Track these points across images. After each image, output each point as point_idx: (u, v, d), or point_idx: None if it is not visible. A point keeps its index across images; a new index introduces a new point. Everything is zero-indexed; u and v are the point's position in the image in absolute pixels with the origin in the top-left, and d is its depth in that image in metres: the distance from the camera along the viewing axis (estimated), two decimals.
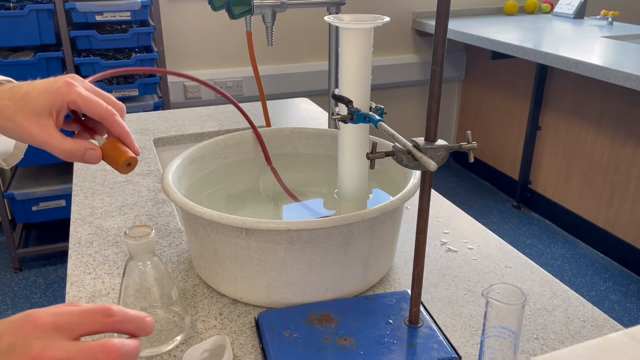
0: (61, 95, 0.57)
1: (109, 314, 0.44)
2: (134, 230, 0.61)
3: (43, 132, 0.56)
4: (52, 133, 0.57)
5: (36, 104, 0.56)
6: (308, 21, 2.78)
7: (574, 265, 2.44)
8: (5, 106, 0.56)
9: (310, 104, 1.58)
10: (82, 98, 0.58)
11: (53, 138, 0.57)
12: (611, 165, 2.38)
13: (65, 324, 0.42)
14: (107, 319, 0.44)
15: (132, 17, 2.20)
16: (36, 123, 0.56)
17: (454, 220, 0.93)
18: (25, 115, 0.56)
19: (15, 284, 2.30)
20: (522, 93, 2.82)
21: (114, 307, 0.45)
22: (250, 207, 0.85)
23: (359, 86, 0.74)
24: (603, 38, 2.51)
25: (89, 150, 0.58)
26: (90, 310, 0.44)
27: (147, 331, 0.46)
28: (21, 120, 0.56)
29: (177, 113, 1.49)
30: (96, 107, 0.58)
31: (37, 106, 0.56)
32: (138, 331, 0.46)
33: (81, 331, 0.43)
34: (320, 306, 0.67)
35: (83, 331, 0.43)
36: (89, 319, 0.44)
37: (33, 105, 0.56)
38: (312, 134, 0.96)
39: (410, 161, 0.55)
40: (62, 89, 0.57)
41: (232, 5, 0.97)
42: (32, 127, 0.56)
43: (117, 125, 0.59)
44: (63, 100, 0.57)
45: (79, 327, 0.43)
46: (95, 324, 0.44)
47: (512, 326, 0.51)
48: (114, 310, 0.44)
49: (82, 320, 0.43)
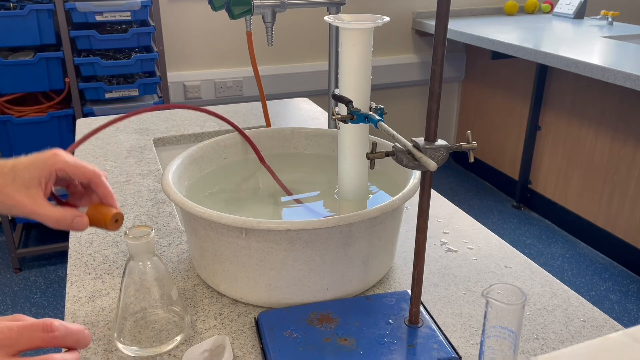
0: (49, 165, 0.60)
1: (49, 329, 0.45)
2: (134, 230, 0.61)
3: (33, 202, 0.59)
4: (41, 203, 0.60)
5: (24, 176, 0.59)
6: (308, 21, 2.78)
7: (574, 265, 2.44)
8: None
9: (310, 104, 1.58)
10: (69, 165, 0.61)
11: (42, 208, 0.60)
12: (611, 165, 2.38)
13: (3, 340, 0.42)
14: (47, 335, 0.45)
15: (132, 17, 2.20)
16: (26, 194, 0.59)
17: (454, 220, 0.93)
18: (15, 187, 0.59)
19: (15, 284, 2.30)
20: (522, 93, 2.82)
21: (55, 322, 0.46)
22: (250, 207, 0.85)
23: (359, 86, 0.74)
24: (603, 38, 2.51)
25: (77, 218, 0.61)
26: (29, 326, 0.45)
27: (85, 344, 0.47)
28: (11, 193, 0.58)
29: (177, 113, 1.49)
30: (84, 171, 0.62)
31: (25, 178, 0.59)
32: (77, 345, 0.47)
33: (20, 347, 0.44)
34: (320, 306, 0.67)
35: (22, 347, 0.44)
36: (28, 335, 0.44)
37: (22, 177, 0.59)
38: (312, 134, 0.96)
39: (410, 161, 0.55)
40: (49, 159, 0.61)
41: (232, 5, 0.97)
42: (22, 198, 0.59)
43: (103, 186, 0.63)
44: (51, 169, 0.60)
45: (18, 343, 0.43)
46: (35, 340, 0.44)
47: (512, 326, 0.51)
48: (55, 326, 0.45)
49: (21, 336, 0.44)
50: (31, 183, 0.59)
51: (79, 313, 0.70)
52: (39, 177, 0.60)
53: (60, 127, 2.27)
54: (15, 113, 2.21)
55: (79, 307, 0.71)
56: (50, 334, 0.45)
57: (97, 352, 0.63)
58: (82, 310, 0.70)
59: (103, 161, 1.16)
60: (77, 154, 1.20)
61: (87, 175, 0.62)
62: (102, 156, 1.19)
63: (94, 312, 0.70)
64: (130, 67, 2.25)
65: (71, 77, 2.21)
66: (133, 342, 0.63)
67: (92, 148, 1.23)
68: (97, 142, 1.27)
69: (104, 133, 1.33)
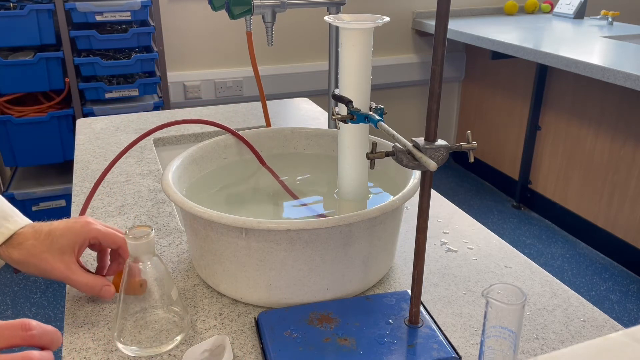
0: (83, 234, 0.66)
1: (27, 327, 0.48)
2: (134, 230, 0.61)
3: (67, 268, 0.65)
4: (74, 269, 0.66)
5: (60, 243, 0.65)
6: (308, 21, 2.78)
7: (574, 265, 2.44)
8: (32, 245, 0.64)
9: (310, 104, 1.58)
10: (101, 233, 0.68)
11: (75, 274, 0.66)
12: (611, 165, 2.38)
13: None
14: (25, 333, 0.48)
15: (132, 17, 2.20)
16: (60, 260, 0.65)
17: (454, 220, 0.93)
18: (52, 253, 0.64)
19: (15, 284, 2.30)
20: (522, 93, 2.82)
21: (32, 322, 0.49)
22: (250, 207, 0.85)
23: (359, 86, 0.74)
24: (603, 38, 2.51)
25: (105, 287, 0.68)
26: (8, 325, 0.48)
27: (58, 345, 0.51)
28: (48, 258, 0.64)
29: (177, 113, 1.49)
30: (114, 238, 0.69)
31: (61, 245, 0.65)
32: (52, 344, 0.50)
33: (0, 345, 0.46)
34: (320, 306, 0.67)
35: (2, 345, 0.46)
36: (7, 334, 0.47)
37: (58, 245, 0.65)
38: (312, 134, 0.96)
39: (410, 161, 0.55)
40: (83, 228, 0.67)
41: (232, 5, 0.97)
42: (57, 263, 0.64)
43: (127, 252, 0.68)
44: (85, 237, 0.67)
45: None
46: (14, 338, 0.48)
47: (512, 326, 0.51)
48: (32, 325, 0.49)
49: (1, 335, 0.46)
50: (66, 249, 0.65)
51: (79, 313, 0.70)
52: (72, 245, 0.65)
53: (60, 127, 2.27)
54: (15, 113, 2.21)
55: (79, 307, 0.71)
56: (28, 332, 0.48)
57: (97, 352, 0.63)
58: (82, 310, 0.70)
59: (103, 161, 1.16)
60: (77, 154, 1.20)
61: (116, 242, 0.69)
62: (102, 156, 1.19)
63: (94, 312, 0.70)
64: (130, 67, 2.25)
65: (71, 77, 2.21)
66: (133, 342, 0.63)
67: (92, 148, 1.23)
68: (97, 142, 1.27)
69: (104, 133, 1.33)
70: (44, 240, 0.64)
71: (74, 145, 1.26)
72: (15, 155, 2.27)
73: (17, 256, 0.64)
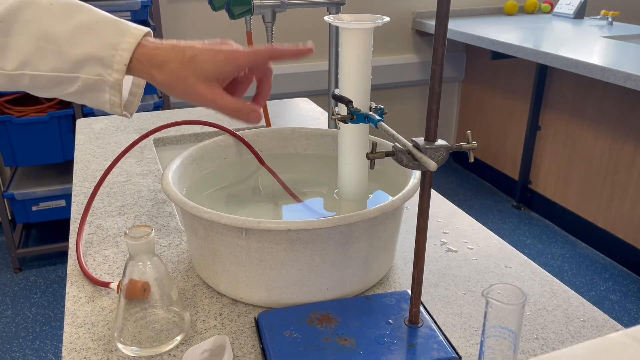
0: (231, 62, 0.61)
1: None
2: (134, 230, 0.61)
3: (213, 93, 0.61)
4: (221, 93, 0.62)
5: (205, 70, 0.60)
6: (308, 21, 2.78)
7: (574, 265, 2.44)
8: (175, 69, 0.60)
9: (310, 104, 1.58)
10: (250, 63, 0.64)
11: (223, 98, 0.62)
12: (611, 166, 2.38)
13: None
14: None
15: (132, 17, 2.20)
16: (207, 86, 0.61)
17: (454, 220, 0.93)
18: (196, 79, 0.60)
19: (15, 284, 2.30)
20: (522, 93, 2.82)
21: None
22: (250, 207, 0.85)
23: (359, 86, 0.74)
24: (603, 38, 2.51)
25: (252, 112, 0.63)
26: None
27: None
28: (193, 83, 0.60)
29: (177, 113, 1.49)
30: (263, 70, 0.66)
31: (206, 73, 0.60)
32: None
33: None
34: (320, 306, 0.67)
35: None
36: None
37: (202, 71, 0.60)
38: (312, 134, 0.96)
39: (410, 161, 0.55)
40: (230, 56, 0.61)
41: (232, 5, 0.97)
42: (203, 89, 0.60)
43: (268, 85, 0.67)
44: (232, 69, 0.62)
45: None
46: None
47: (512, 326, 0.51)
48: None
49: None
50: (212, 78, 0.61)
51: (79, 313, 0.70)
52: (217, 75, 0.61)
53: (60, 127, 2.27)
54: (15, 113, 2.21)
55: (79, 307, 0.71)
56: None
57: (97, 352, 0.63)
58: (82, 310, 0.70)
59: (103, 161, 1.16)
60: (77, 154, 1.20)
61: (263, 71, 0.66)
62: (102, 156, 1.19)
63: (94, 312, 0.70)
64: None
65: None
66: (133, 342, 0.63)
67: (92, 148, 1.23)
68: (98, 142, 1.27)
69: (103, 133, 1.33)
70: (188, 65, 0.60)
71: (74, 145, 1.26)
72: (15, 155, 2.27)
73: (160, 78, 0.60)
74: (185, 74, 0.60)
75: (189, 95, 0.61)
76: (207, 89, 0.61)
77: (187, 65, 0.60)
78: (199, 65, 0.60)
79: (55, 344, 1.98)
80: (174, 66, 0.59)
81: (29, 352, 1.95)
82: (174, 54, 0.60)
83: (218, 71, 0.61)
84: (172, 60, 0.60)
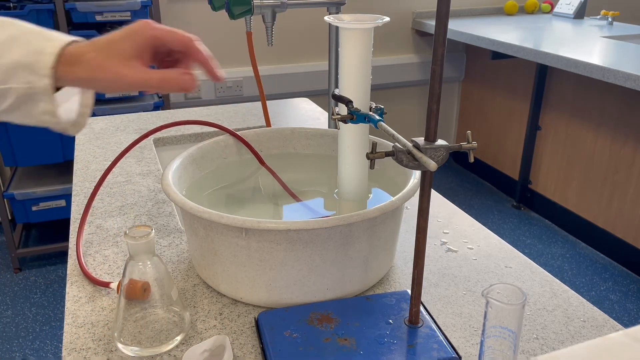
0: (143, 33, 0.59)
1: None
2: (134, 230, 0.61)
3: (135, 71, 0.58)
4: (144, 69, 0.58)
5: (122, 48, 0.58)
6: (308, 21, 2.78)
7: (574, 265, 2.44)
8: (92, 57, 0.57)
9: (310, 104, 1.58)
10: (163, 31, 0.60)
11: (147, 73, 0.58)
12: (611, 165, 2.38)
13: None
14: None
15: (132, 17, 2.20)
16: (126, 66, 0.57)
17: (454, 220, 0.93)
18: (115, 61, 0.57)
19: (15, 284, 2.30)
20: (522, 93, 2.82)
21: None
22: (250, 207, 0.85)
23: (359, 86, 0.74)
24: (603, 38, 2.51)
25: (182, 76, 0.60)
26: None
27: None
28: (111, 66, 0.57)
29: (177, 113, 1.49)
30: (178, 36, 0.61)
31: (123, 51, 0.58)
32: None
33: None
34: (320, 306, 0.67)
35: None
36: None
37: (119, 50, 0.58)
38: (312, 134, 0.96)
39: (410, 161, 0.55)
40: (143, 28, 0.59)
41: (232, 5, 0.97)
42: (124, 69, 0.57)
43: (199, 52, 0.62)
44: (146, 37, 0.59)
45: None
46: None
47: (512, 326, 0.51)
48: None
49: None
50: (130, 54, 0.58)
51: (79, 313, 0.70)
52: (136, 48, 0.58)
53: None
54: None
55: (79, 307, 0.71)
56: None
57: (97, 352, 0.63)
58: (82, 310, 0.70)
59: (103, 161, 1.16)
60: (77, 154, 1.20)
61: (182, 41, 0.61)
62: (102, 156, 1.19)
63: (94, 312, 0.70)
64: None
65: None
66: (133, 342, 0.63)
67: (92, 148, 1.23)
68: (98, 142, 1.27)
69: (103, 133, 1.33)
70: (103, 49, 0.57)
71: (74, 145, 1.26)
72: (15, 155, 2.27)
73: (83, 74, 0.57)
74: (103, 60, 0.57)
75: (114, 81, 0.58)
76: (127, 69, 0.58)
77: (103, 50, 0.58)
78: (114, 46, 0.58)
79: (55, 344, 1.98)
80: (91, 56, 0.57)
81: (29, 352, 1.95)
82: (91, 46, 0.58)
83: (135, 47, 0.58)
84: (89, 51, 0.57)
